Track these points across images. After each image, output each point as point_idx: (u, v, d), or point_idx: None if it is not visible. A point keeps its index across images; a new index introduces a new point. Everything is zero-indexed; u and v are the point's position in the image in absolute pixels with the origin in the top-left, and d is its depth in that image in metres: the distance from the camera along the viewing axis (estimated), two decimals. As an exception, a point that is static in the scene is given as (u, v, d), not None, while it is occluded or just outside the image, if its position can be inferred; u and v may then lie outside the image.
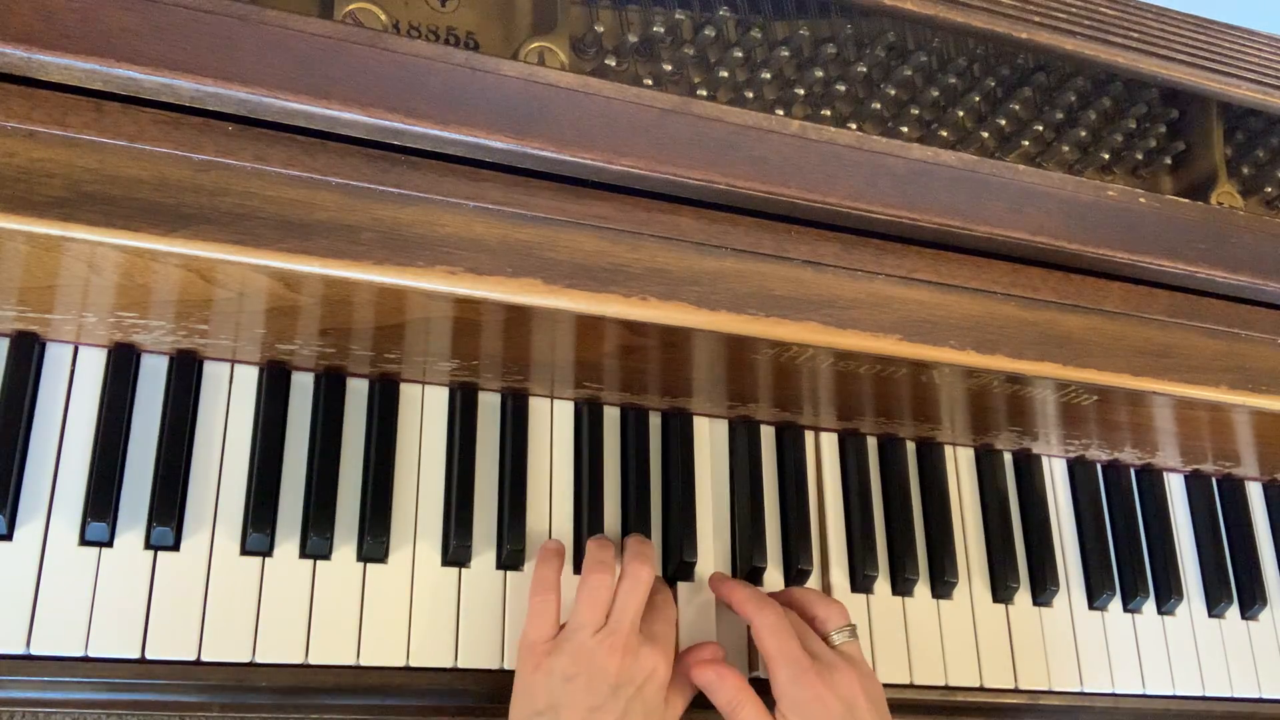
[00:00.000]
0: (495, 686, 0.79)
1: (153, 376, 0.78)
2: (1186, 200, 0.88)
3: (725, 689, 0.79)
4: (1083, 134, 0.96)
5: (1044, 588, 0.96)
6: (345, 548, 0.78)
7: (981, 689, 0.91)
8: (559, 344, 0.78)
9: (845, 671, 0.78)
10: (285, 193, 0.66)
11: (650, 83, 0.83)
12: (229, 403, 0.79)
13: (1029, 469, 1.00)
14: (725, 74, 0.84)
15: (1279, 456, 1.04)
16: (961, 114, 0.92)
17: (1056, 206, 0.82)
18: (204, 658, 0.73)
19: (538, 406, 0.87)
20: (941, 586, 0.93)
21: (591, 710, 0.72)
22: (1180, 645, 1.00)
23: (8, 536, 0.72)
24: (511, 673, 0.78)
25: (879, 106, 0.89)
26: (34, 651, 0.70)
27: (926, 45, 0.91)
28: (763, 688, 0.79)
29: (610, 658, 0.74)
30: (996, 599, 0.95)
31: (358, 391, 0.82)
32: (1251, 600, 1.04)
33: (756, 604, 0.81)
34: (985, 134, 0.93)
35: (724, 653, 0.83)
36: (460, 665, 0.78)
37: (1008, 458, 1.00)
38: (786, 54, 0.85)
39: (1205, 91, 0.90)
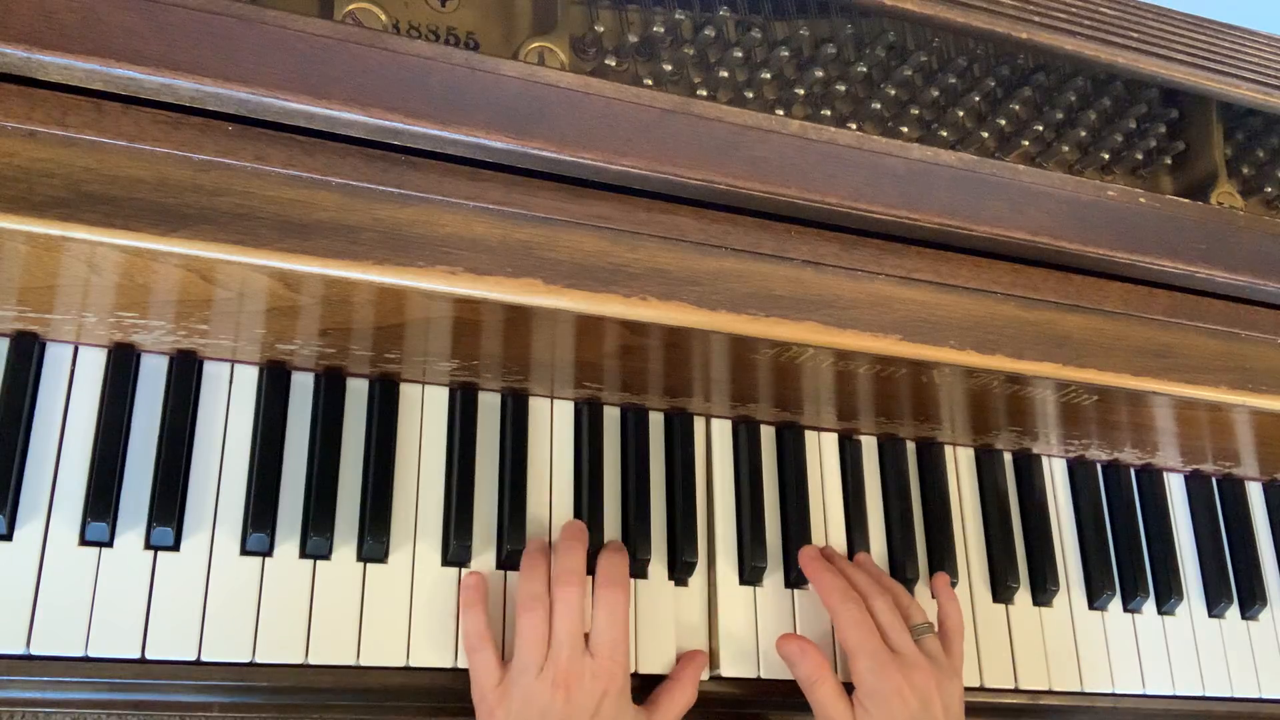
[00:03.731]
0: (495, 686, 0.79)
1: (153, 376, 0.78)
2: (1186, 200, 0.88)
3: (806, 664, 0.82)
4: (1083, 134, 0.96)
5: (1044, 588, 0.96)
6: (345, 548, 0.78)
7: (982, 689, 0.91)
8: (559, 344, 0.78)
9: (924, 669, 0.81)
10: (285, 193, 0.66)
11: (650, 83, 0.83)
12: (229, 403, 0.79)
13: (1029, 469, 1.00)
14: (725, 74, 0.84)
15: (1279, 456, 1.04)
16: (961, 114, 0.92)
17: (1056, 206, 0.82)
18: (204, 658, 0.73)
19: (538, 406, 0.87)
20: (941, 586, 0.93)
21: None
22: (1180, 645, 1.00)
23: (8, 536, 0.72)
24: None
25: (879, 106, 0.89)
26: (34, 651, 0.70)
27: (926, 45, 0.91)
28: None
29: (556, 694, 0.74)
30: (996, 599, 0.95)
31: (358, 391, 0.82)
32: (1251, 600, 1.04)
33: (841, 597, 0.83)
34: (985, 134, 0.93)
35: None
36: (460, 665, 0.78)
37: (1008, 458, 1.00)
38: (786, 54, 0.85)
39: (1205, 91, 0.90)
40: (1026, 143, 0.94)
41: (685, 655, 0.84)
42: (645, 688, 0.81)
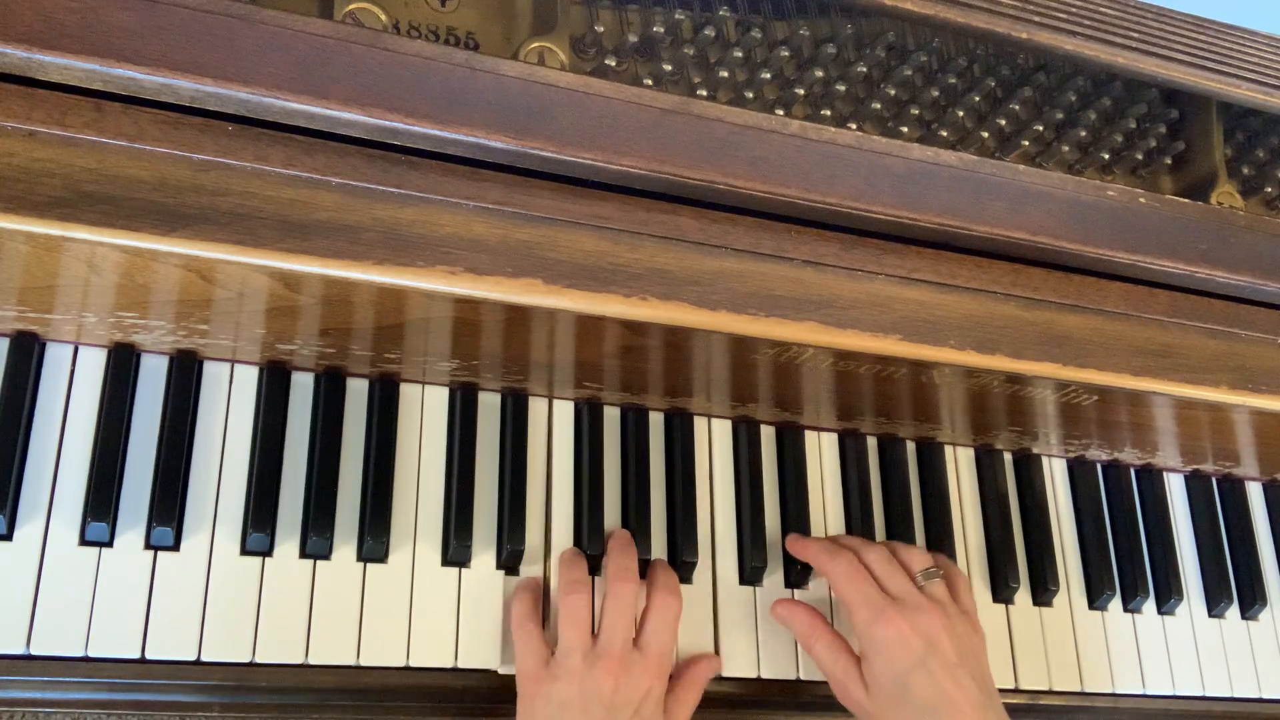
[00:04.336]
0: (495, 686, 0.79)
1: (153, 376, 0.78)
2: (1186, 200, 0.88)
3: (797, 623, 0.82)
4: (1083, 134, 0.96)
5: (1044, 588, 0.96)
6: (345, 548, 0.78)
7: (981, 689, 0.91)
8: (559, 344, 0.78)
9: (928, 611, 0.78)
10: (285, 193, 0.66)
11: (650, 83, 0.83)
12: (229, 403, 0.79)
13: (1029, 469, 1.00)
14: (725, 74, 0.84)
15: (1279, 456, 1.04)
16: (961, 114, 0.92)
17: (1056, 206, 0.82)
18: (204, 658, 0.73)
19: (538, 406, 0.87)
20: (941, 586, 0.93)
21: None
22: (1180, 645, 1.00)
23: (8, 536, 0.72)
24: (512, 675, 0.78)
25: (879, 106, 0.89)
26: (34, 651, 0.70)
27: (926, 45, 0.91)
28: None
29: (604, 680, 0.74)
30: (996, 599, 0.95)
31: (358, 391, 0.82)
32: (1251, 600, 1.04)
33: (830, 554, 0.82)
34: (985, 134, 0.93)
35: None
36: (460, 665, 0.78)
37: (1008, 458, 1.00)
38: (786, 54, 0.85)
39: (1205, 91, 0.90)
40: (1026, 143, 0.94)
41: (695, 658, 0.83)
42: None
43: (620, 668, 0.74)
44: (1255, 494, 1.09)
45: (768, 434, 0.93)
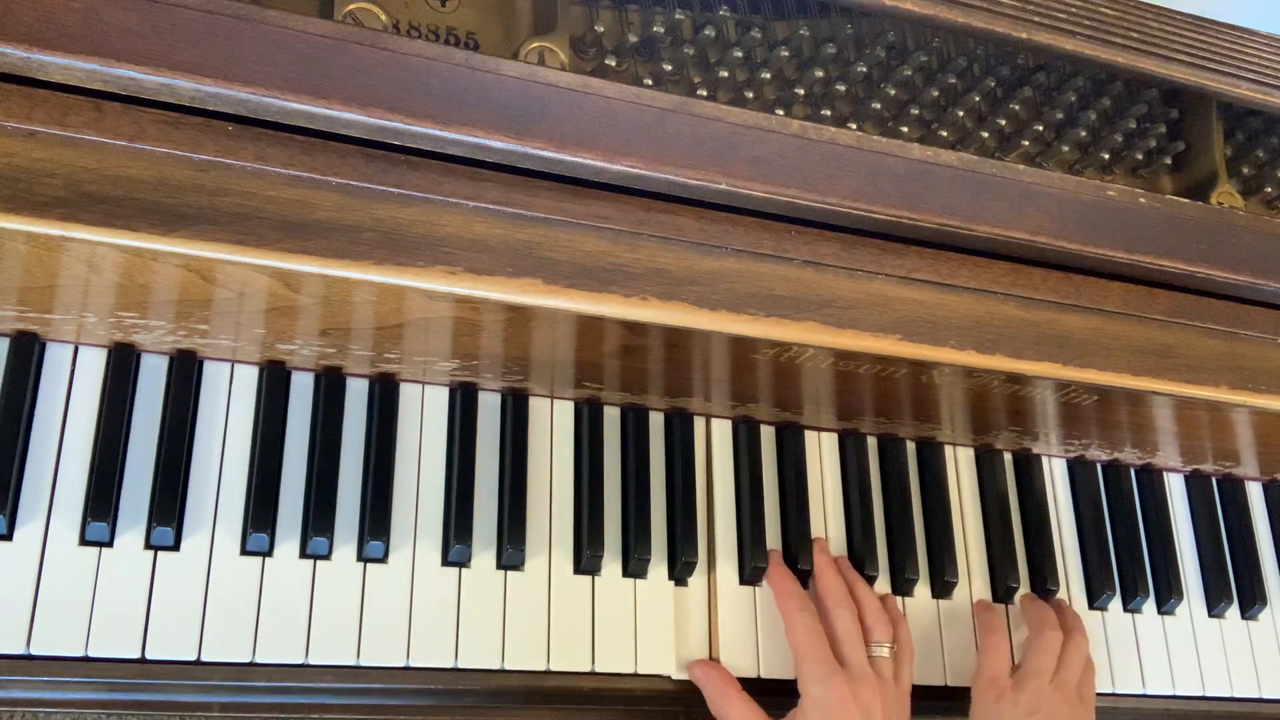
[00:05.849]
0: (495, 686, 0.79)
1: (153, 376, 0.78)
2: (1186, 200, 0.88)
3: (711, 685, 0.82)
4: (1083, 134, 0.96)
5: (1044, 588, 0.96)
6: (345, 548, 0.78)
7: (981, 689, 0.91)
8: (559, 344, 0.78)
9: (872, 684, 0.81)
10: (285, 193, 0.66)
11: (650, 83, 0.83)
12: (229, 403, 0.79)
13: (1029, 469, 1.00)
14: (725, 74, 0.84)
15: (1279, 456, 1.04)
16: (961, 114, 0.92)
17: (1056, 206, 0.82)
18: (204, 658, 0.73)
19: (538, 406, 0.87)
20: (941, 586, 0.93)
21: None
22: (1180, 645, 1.00)
23: (8, 536, 0.72)
24: (511, 672, 0.78)
25: (879, 106, 0.89)
26: (34, 651, 0.70)
27: (926, 45, 0.91)
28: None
29: (1064, 705, 0.85)
30: (997, 599, 0.95)
31: (358, 391, 0.82)
32: (1251, 600, 1.04)
33: (798, 604, 0.84)
34: (985, 134, 0.93)
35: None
36: (460, 665, 0.78)
37: (1008, 458, 1.00)
38: (786, 54, 0.85)
39: (1205, 91, 0.90)
40: (1026, 143, 0.94)
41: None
42: (642, 688, 0.82)
43: (1077, 700, 0.87)
44: (1255, 494, 1.09)
45: (768, 434, 0.93)
